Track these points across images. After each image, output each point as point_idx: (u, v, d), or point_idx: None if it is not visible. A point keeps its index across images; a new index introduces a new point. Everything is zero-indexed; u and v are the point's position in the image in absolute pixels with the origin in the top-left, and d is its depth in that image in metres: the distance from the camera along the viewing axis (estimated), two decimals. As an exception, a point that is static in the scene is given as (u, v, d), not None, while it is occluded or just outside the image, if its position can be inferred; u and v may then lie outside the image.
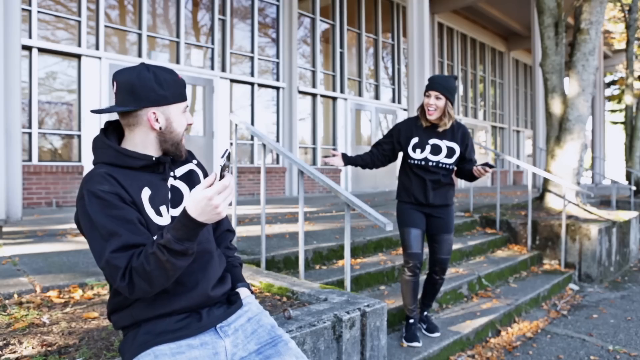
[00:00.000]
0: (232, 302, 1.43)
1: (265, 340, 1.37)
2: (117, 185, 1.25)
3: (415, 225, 2.95)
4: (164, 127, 1.34)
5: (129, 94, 1.29)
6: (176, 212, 1.36)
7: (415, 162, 2.92)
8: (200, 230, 1.13)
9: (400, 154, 3.08)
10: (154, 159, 1.34)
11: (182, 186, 1.42)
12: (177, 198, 1.38)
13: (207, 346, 1.30)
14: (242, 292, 1.50)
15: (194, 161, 1.52)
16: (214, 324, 1.34)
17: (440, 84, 2.79)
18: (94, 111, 1.35)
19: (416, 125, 2.98)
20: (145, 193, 1.31)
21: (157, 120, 1.32)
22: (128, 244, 1.18)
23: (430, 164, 2.89)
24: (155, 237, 1.17)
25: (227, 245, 1.61)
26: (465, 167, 3.00)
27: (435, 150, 2.90)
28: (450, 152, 2.91)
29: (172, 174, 1.41)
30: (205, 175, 1.52)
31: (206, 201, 1.08)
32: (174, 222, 1.14)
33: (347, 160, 3.00)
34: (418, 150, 2.92)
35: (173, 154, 1.39)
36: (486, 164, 2.70)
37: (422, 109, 2.91)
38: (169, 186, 1.39)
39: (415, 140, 2.94)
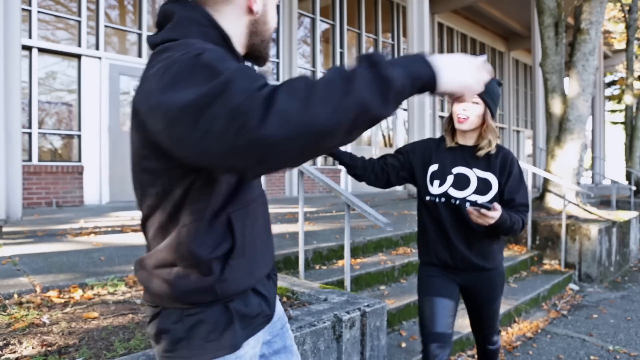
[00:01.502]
0: (274, 281, 1.14)
1: (276, 331, 1.16)
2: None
3: (437, 292, 2.02)
4: (259, 14, 0.98)
5: None
6: None
7: (432, 199, 2.00)
8: (419, 92, 0.76)
9: (412, 189, 2.32)
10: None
11: None
12: None
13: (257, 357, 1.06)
14: None
15: None
16: (273, 315, 1.08)
17: None
18: None
19: (438, 147, 2.07)
20: None
21: (255, 0, 0.96)
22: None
23: (453, 201, 1.96)
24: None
25: None
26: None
27: (460, 182, 1.97)
28: (483, 187, 1.95)
29: None
30: None
31: (470, 66, 0.80)
32: (402, 59, 0.74)
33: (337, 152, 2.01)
34: (436, 182, 2.00)
35: (259, 55, 1.04)
36: (481, 205, 1.79)
37: (449, 120, 2.05)
38: None
39: (434, 167, 2.02)
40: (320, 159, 10.21)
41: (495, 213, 1.77)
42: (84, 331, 1.84)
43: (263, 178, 2.98)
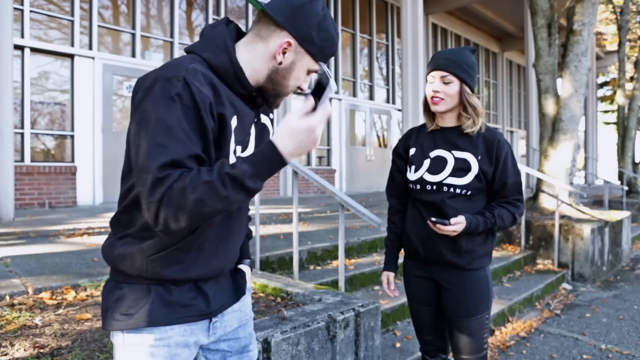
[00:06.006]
0: (237, 287, 1.23)
1: (236, 347, 1.24)
2: (215, 97, 1.01)
3: (417, 300, 1.93)
4: (283, 67, 1.09)
5: (287, 6, 1.06)
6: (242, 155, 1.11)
7: (411, 186, 1.89)
8: (280, 168, 0.96)
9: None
10: (254, 93, 1.12)
11: (254, 134, 1.17)
12: (246, 143, 1.14)
13: (196, 346, 1.14)
14: (246, 273, 1.29)
15: (271, 115, 1.27)
16: (217, 312, 1.16)
17: (449, 59, 1.77)
18: None
19: (419, 131, 1.95)
20: (234, 123, 1.06)
21: (284, 53, 1.08)
22: (184, 158, 0.93)
23: (428, 187, 1.82)
24: (219, 166, 0.93)
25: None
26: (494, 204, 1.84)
27: (437, 165, 1.82)
28: (461, 168, 1.78)
29: (255, 117, 1.17)
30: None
31: (307, 133, 0.92)
32: (254, 155, 0.94)
33: (395, 263, 2.00)
34: (413, 168, 1.88)
35: (266, 99, 1.15)
36: (436, 221, 1.70)
37: (425, 103, 1.89)
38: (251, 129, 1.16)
39: (412, 152, 1.91)
40: (314, 160, 10.21)
41: (456, 226, 1.68)
42: (77, 333, 1.83)
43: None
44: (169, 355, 1.06)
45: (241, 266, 1.28)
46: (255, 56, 1.09)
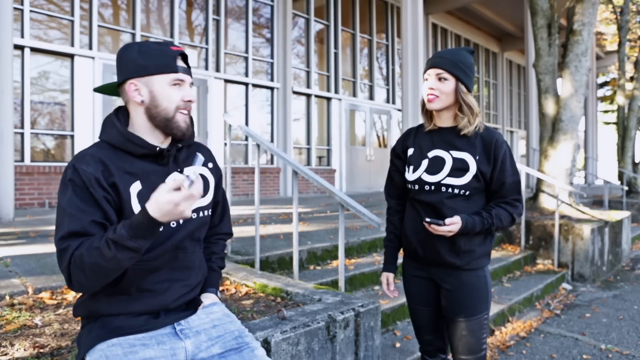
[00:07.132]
0: (191, 306, 1.38)
1: (230, 346, 1.32)
2: (104, 171, 1.21)
3: (416, 300, 1.95)
4: (147, 101, 1.27)
5: (117, 67, 1.30)
6: None
7: (410, 186, 1.89)
8: (158, 229, 1.11)
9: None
10: (157, 149, 1.27)
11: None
12: None
13: (163, 346, 1.25)
14: (209, 298, 1.43)
15: (210, 164, 1.45)
16: (172, 322, 1.30)
17: (445, 58, 1.78)
18: (96, 90, 1.37)
19: (417, 131, 1.95)
20: (135, 188, 1.25)
21: (138, 93, 1.27)
22: (81, 228, 1.15)
23: (427, 187, 1.82)
24: (106, 232, 1.13)
25: (214, 250, 1.54)
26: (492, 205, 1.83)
27: (435, 165, 1.81)
28: (459, 168, 1.78)
29: (179, 170, 1.33)
30: (219, 181, 1.48)
31: (172, 206, 1.06)
32: (132, 219, 1.10)
33: (394, 264, 2.02)
34: (411, 168, 1.88)
35: (170, 133, 1.31)
36: (431, 222, 1.70)
37: (423, 103, 1.86)
38: None
39: (410, 152, 1.91)
40: (314, 160, 10.21)
41: (451, 227, 1.68)
42: (77, 333, 1.83)
43: (257, 178, 2.98)
44: (122, 353, 1.20)
45: (202, 295, 1.43)
46: (134, 117, 1.30)
